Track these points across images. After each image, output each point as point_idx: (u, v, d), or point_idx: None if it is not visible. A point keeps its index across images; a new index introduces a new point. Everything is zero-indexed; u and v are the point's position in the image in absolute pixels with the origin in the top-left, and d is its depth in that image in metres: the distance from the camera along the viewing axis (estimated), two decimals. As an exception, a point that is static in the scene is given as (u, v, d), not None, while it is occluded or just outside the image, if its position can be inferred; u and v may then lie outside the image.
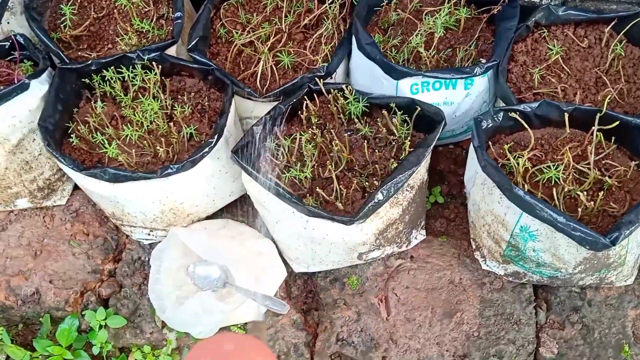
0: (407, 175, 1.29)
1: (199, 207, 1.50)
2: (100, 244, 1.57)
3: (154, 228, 1.52)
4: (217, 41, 1.70)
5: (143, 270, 1.54)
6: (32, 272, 1.52)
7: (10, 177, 1.50)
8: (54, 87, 1.46)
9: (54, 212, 1.62)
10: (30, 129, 1.47)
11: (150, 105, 1.43)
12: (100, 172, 1.34)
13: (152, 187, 1.38)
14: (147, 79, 1.50)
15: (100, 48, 1.70)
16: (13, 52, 1.60)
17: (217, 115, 1.53)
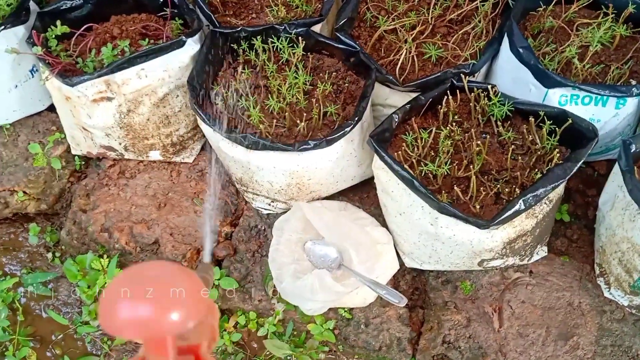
0: (551, 188, 1.24)
1: (323, 186, 1.51)
2: (221, 206, 1.61)
3: (275, 199, 1.54)
4: (360, 24, 1.69)
5: (258, 238, 1.57)
6: (155, 222, 1.57)
7: (150, 129, 1.56)
8: (205, 48, 1.50)
9: (180, 168, 1.67)
10: (177, 85, 1.52)
11: (296, 79, 1.44)
12: (241, 136, 1.37)
13: (286, 160, 1.40)
14: (292, 53, 1.52)
15: (244, 16, 1.73)
16: (165, 9, 1.65)
17: (352, 98, 1.54)
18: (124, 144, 1.60)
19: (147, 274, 0.41)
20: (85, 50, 1.57)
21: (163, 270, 0.43)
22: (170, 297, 0.41)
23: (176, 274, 0.43)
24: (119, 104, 1.48)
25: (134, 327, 0.40)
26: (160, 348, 0.43)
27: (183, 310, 0.41)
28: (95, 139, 1.59)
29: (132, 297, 0.40)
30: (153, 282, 0.41)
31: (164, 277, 0.42)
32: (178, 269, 0.44)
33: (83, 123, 1.54)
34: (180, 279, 0.42)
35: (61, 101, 1.52)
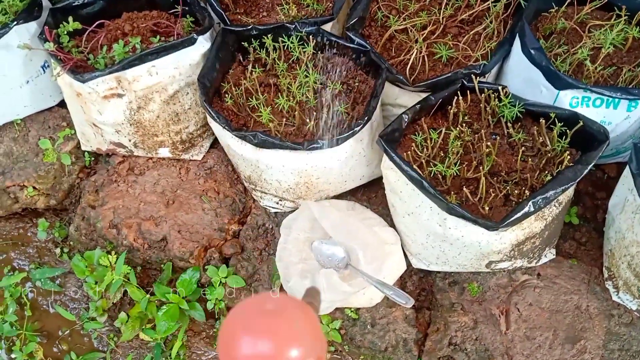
0: (561, 190, 1.24)
1: (331, 185, 1.50)
2: (229, 204, 1.61)
3: (283, 198, 1.54)
4: (371, 24, 1.69)
5: (266, 237, 1.57)
6: (163, 219, 1.58)
7: (159, 126, 1.56)
8: (216, 46, 1.51)
9: (189, 166, 1.67)
10: (187, 83, 1.53)
11: (306, 78, 1.44)
12: (250, 135, 1.37)
13: (295, 158, 1.40)
14: (302, 52, 1.52)
15: (255, 14, 1.74)
16: (176, 6, 1.66)
17: (362, 97, 1.54)
18: (133, 141, 1.60)
19: (265, 308, 0.41)
20: (96, 47, 1.58)
21: (281, 305, 0.42)
22: (290, 332, 0.40)
23: (295, 308, 0.42)
24: (129, 101, 1.49)
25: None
26: None
27: (302, 347, 0.41)
28: (105, 135, 1.60)
29: (252, 332, 0.39)
30: (272, 317, 0.40)
31: (282, 311, 0.41)
32: (297, 303, 0.44)
33: (93, 119, 1.55)
34: (299, 314, 0.42)
35: (72, 97, 1.53)
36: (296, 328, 0.41)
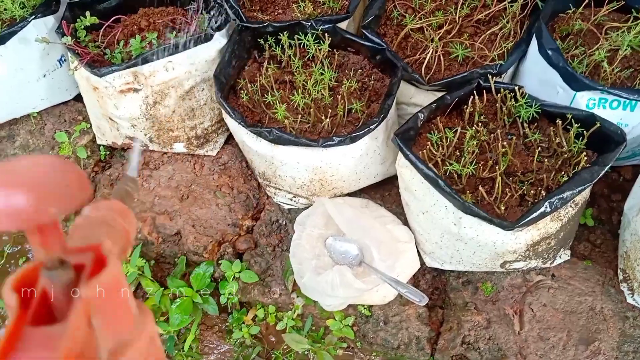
0: (578, 191, 1.23)
1: (345, 182, 1.51)
2: (243, 199, 1.62)
3: (297, 195, 1.54)
4: (386, 22, 1.69)
5: (279, 232, 1.57)
6: (177, 214, 1.58)
7: (175, 121, 1.57)
8: (232, 43, 1.51)
9: (203, 161, 1.68)
10: (203, 79, 1.53)
11: (322, 75, 1.44)
12: (265, 131, 1.38)
13: (310, 155, 1.40)
14: (318, 49, 1.52)
15: (270, 12, 1.74)
16: (193, 2, 1.66)
17: (377, 95, 1.54)
18: (149, 135, 1.61)
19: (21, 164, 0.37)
20: (113, 42, 1.59)
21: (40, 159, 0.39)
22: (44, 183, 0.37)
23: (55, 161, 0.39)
24: (145, 96, 1.50)
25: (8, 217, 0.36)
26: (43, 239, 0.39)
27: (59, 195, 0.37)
28: (121, 129, 1.61)
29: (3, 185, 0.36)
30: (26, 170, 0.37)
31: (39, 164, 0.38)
32: (58, 157, 0.40)
33: (110, 113, 1.55)
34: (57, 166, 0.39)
35: (89, 91, 1.54)
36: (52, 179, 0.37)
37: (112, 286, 0.41)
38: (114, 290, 0.42)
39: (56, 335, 0.38)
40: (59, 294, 0.41)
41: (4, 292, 0.40)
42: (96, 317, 0.40)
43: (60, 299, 0.41)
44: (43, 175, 0.37)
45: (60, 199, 0.37)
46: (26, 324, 0.39)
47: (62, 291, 0.41)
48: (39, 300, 0.41)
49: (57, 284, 0.41)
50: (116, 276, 0.41)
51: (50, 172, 0.38)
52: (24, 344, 0.38)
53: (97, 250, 0.44)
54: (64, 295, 0.41)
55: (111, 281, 0.41)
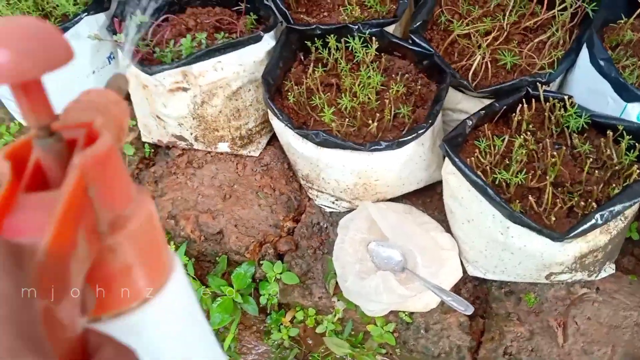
0: (629, 204, 1.21)
1: (389, 187, 1.50)
2: (284, 201, 1.63)
3: (340, 198, 1.54)
4: (433, 27, 1.68)
5: (320, 235, 1.58)
6: (220, 213, 1.60)
7: (221, 121, 1.58)
8: (280, 44, 1.52)
9: (246, 162, 1.69)
10: (250, 80, 1.54)
11: (370, 79, 1.44)
12: (312, 133, 1.38)
13: (356, 159, 1.40)
14: (365, 53, 1.52)
15: (316, 14, 1.74)
16: (240, 3, 1.68)
17: (423, 100, 1.53)
18: (194, 135, 1.63)
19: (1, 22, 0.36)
20: (161, 41, 1.61)
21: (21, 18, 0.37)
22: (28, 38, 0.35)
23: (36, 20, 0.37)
24: (194, 95, 1.51)
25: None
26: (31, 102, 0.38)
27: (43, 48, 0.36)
28: (168, 127, 1.63)
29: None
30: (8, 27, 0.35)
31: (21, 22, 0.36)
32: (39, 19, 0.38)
33: (158, 112, 1.57)
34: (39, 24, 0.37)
35: (137, 89, 1.56)
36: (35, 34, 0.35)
37: (107, 156, 0.40)
38: (109, 160, 0.41)
39: (51, 200, 0.38)
40: (52, 163, 0.40)
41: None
42: (92, 187, 0.39)
43: (54, 169, 0.41)
44: (24, 33, 0.36)
45: (43, 56, 0.36)
46: (20, 190, 0.39)
47: (55, 161, 0.40)
48: (32, 169, 0.40)
49: (50, 153, 0.40)
50: (110, 146, 0.40)
51: (31, 30, 0.36)
52: (18, 207, 0.38)
53: (89, 127, 0.43)
54: (58, 166, 0.40)
55: (105, 150, 0.40)
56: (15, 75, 0.35)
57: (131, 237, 0.42)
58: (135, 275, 0.42)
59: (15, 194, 0.38)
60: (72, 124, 0.43)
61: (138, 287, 0.42)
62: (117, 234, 0.41)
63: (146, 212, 0.43)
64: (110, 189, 0.41)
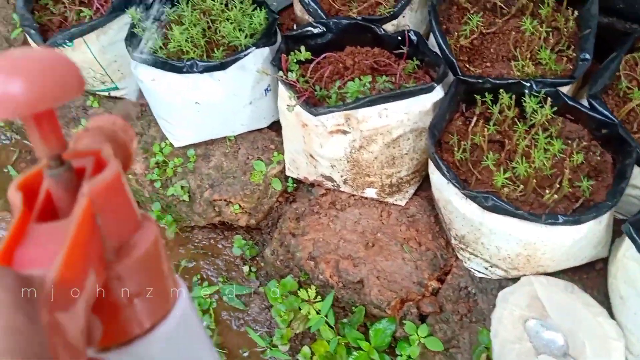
0: None
1: (554, 262, 1.39)
2: (430, 258, 1.55)
3: (495, 265, 1.45)
4: (608, 92, 1.56)
5: (467, 301, 1.48)
6: (362, 261, 1.54)
7: (374, 167, 1.53)
8: (450, 96, 1.45)
9: (390, 210, 1.63)
10: (412, 129, 1.48)
11: (549, 145, 1.35)
12: (482, 196, 1.30)
13: (526, 229, 1.31)
14: (540, 113, 1.42)
15: (478, 64, 1.66)
16: (402, 47, 1.62)
17: (595, 171, 1.42)
18: (344, 177, 1.59)
19: (17, 54, 0.37)
20: (320, 78, 1.58)
21: (36, 50, 0.38)
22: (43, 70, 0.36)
23: (51, 52, 0.38)
24: (353, 139, 1.47)
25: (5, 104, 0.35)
26: (43, 132, 0.39)
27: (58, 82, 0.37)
28: (319, 167, 1.59)
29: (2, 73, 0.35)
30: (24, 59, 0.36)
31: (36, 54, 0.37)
32: (54, 50, 0.39)
33: (313, 151, 1.55)
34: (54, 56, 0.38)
35: (295, 126, 1.54)
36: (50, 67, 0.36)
37: (114, 185, 0.41)
38: (116, 188, 0.42)
39: (61, 230, 0.38)
40: (62, 193, 0.42)
41: (9, 192, 0.41)
42: (100, 215, 0.40)
43: (63, 199, 0.42)
44: (38, 65, 0.37)
45: (56, 88, 0.37)
46: (31, 221, 0.40)
47: (65, 190, 0.42)
48: (43, 200, 0.41)
49: (60, 183, 0.41)
50: (118, 175, 0.41)
51: (44, 62, 0.37)
52: (29, 238, 0.39)
53: (97, 155, 0.44)
54: (67, 194, 0.42)
55: (113, 179, 0.41)
56: (28, 107, 0.35)
57: (137, 265, 0.42)
58: (141, 304, 0.42)
59: (26, 225, 0.39)
60: (81, 152, 0.44)
61: (144, 315, 0.42)
62: (124, 261, 0.42)
63: (152, 239, 0.43)
64: (117, 217, 0.42)
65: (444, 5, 1.71)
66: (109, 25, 1.76)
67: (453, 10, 1.72)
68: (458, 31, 1.65)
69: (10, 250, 0.38)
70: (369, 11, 1.73)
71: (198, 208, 1.75)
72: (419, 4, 1.73)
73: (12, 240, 0.38)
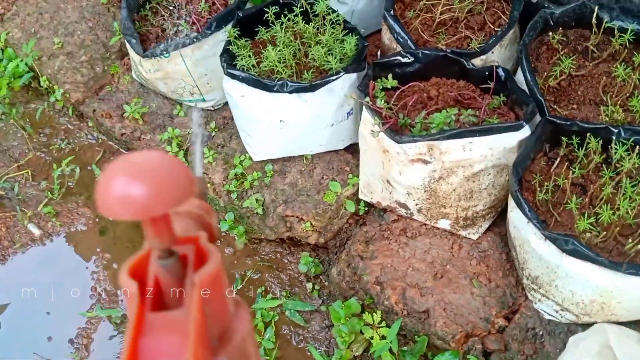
0: None
1: (628, 312, 1.36)
2: (499, 295, 1.53)
3: (566, 309, 1.42)
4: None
5: (534, 342, 1.46)
6: (429, 291, 1.54)
7: (451, 199, 1.54)
8: (536, 136, 1.45)
9: (462, 243, 1.63)
10: (494, 164, 1.49)
11: (638, 194, 1.32)
12: (563, 239, 1.29)
13: (605, 277, 1.28)
14: (628, 160, 1.40)
15: (564, 105, 1.65)
16: (488, 82, 1.63)
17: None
18: (419, 206, 1.60)
19: (138, 159, 0.40)
20: (405, 106, 1.61)
21: (154, 155, 0.42)
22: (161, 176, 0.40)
23: (166, 157, 0.41)
24: (433, 169, 1.49)
25: (126, 206, 0.38)
26: (158, 230, 0.43)
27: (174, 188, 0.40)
28: (394, 193, 1.61)
29: (124, 176, 0.39)
30: (144, 164, 0.40)
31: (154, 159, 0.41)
32: (168, 154, 0.43)
33: (390, 177, 1.57)
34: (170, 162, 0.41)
35: (376, 151, 1.57)
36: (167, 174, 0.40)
37: (218, 275, 0.45)
38: (219, 279, 0.45)
39: (178, 320, 0.42)
40: (170, 282, 0.45)
41: (122, 279, 0.44)
42: (206, 305, 0.43)
43: (171, 286, 0.45)
44: (159, 170, 0.40)
45: (173, 193, 0.40)
46: (146, 309, 0.43)
47: (173, 279, 0.45)
48: (153, 287, 0.45)
49: (169, 273, 0.45)
50: (220, 267, 0.45)
51: (164, 167, 0.41)
52: (149, 329, 0.42)
53: (196, 243, 0.48)
54: (174, 282, 0.45)
55: (217, 272, 0.44)
56: (146, 211, 0.39)
57: (237, 349, 0.46)
58: None
59: (144, 314, 0.43)
60: (182, 239, 0.48)
61: None
62: (227, 347, 0.45)
63: (248, 323, 0.47)
64: (219, 304, 0.46)
65: (534, 44, 1.71)
66: (205, 40, 1.85)
67: (543, 49, 1.72)
68: (547, 71, 1.65)
69: (136, 343, 0.41)
70: (457, 44, 1.75)
71: (270, 222, 1.80)
72: (508, 41, 1.74)
73: (136, 332, 0.42)
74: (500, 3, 1.84)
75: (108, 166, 0.41)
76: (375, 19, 2.10)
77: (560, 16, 1.70)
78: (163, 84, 1.99)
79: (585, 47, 1.69)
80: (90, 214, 2.09)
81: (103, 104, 2.19)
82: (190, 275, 0.45)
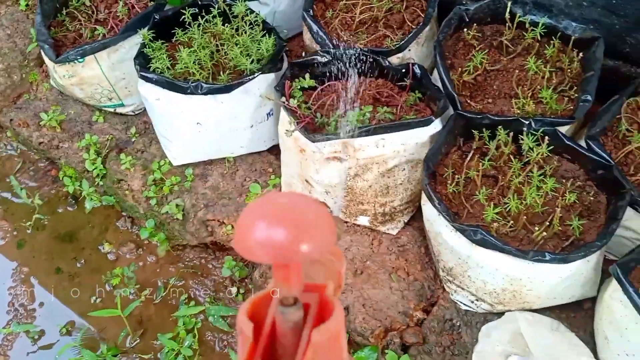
0: None
1: (539, 299, 1.39)
2: (417, 288, 1.54)
3: (481, 299, 1.44)
4: (607, 133, 1.57)
5: (451, 333, 1.47)
6: (348, 288, 1.54)
7: (368, 195, 1.54)
8: (447, 130, 1.47)
9: (382, 238, 1.63)
10: (407, 160, 1.50)
11: (544, 184, 1.35)
12: (471, 230, 1.31)
13: (513, 265, 1.31)
14: (537, 152, 1.43)
15: (479, 99, 1.68)
16: (405, 79, 1.65)
17: (589, 211, 1.42)
18: (338, 204, 1.60)
19: (281, 201, 0.39)
20: (323, 105, 1.61)
21: (297, 198, 0.41)
22: (304, 222, 0.38)
23: (309, 201, 0.40)
24: (349, 167, 1.49)
25: (267, 249, 0.38)
26: (289, 276, 0.41)
27: (316, 235, 0.39)
28: (314, 192, 1.61)
29: (268, 219, 0.38)
30: (287, 207, 0.39)
31: (297, 203, 0.40)
32: (311, 198, 0.42)
33: (308, 176, 1.56)
34: (313, 207, 0.40)
35: (293, 151, 1.56)
36: (310, 219, 0.39)
37: (337, 337, 0.42)
38: (337, 342, 0.43)
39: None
40: (287, 330, 0.43)
41: (240, 318, 0.43)
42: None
43: (286, 335, 0.43)
44: (301, 215, 0.39)
45: (314, 240, 0.38)
46: (256, 356, 0.42)
47: (290, 328, 0.43)
48: (268, 333, 0.43)
49: (288, 321, 0.43)
50: (340, 324, 0.42)
51: (307, 213, 0.39)
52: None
53: (321, 293, 0.46)
54: (291, 332, 0.43)
55: (337, 329, 0.42)
56: (284, 257, 0.38)
57: None
58: None
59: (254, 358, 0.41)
60: (306, 285, 0.46)
61: None
62: None
63: None
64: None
65: (451, 40, 1.74)
66: (121, 43, 1.81)
67: (459, 46, 1.75)
68: (462, 67, 1.67)
69: None
70: (376, 43, 1.77)
71: (191, 227, 1.76)
72: (425, 38, 1.77)
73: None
74: (420, 1, 1.86)
75: (252, 205, 0.39)
76: (299, 21, 2.09)
77: (475, 12, 1.74)
78: (79, 89, 1.93)
79: (500, 42, 1.73)
80: (8, 227, 2.01)
81: (20, 112, 2.11)
82: (308, 326, 0.43)
